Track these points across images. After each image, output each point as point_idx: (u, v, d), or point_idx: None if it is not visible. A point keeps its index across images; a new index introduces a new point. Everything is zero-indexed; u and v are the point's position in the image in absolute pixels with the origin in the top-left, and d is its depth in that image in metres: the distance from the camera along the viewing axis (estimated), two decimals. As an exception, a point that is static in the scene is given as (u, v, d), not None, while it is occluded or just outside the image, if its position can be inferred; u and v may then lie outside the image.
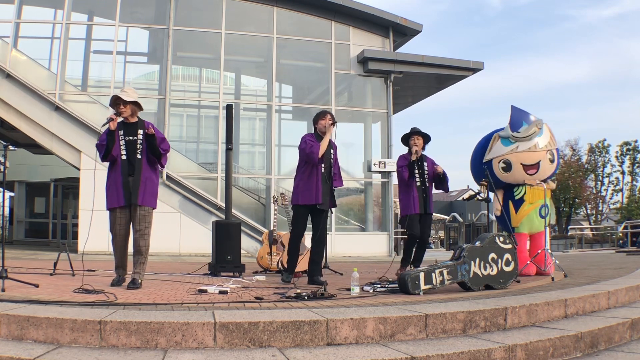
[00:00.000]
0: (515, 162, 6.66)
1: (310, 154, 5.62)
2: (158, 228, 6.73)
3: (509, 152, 6.67)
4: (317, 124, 5.90)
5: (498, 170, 6.75)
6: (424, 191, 6.52)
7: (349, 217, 16.25)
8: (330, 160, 5.82)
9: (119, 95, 4.96)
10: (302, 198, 5.71)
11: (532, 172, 6.66)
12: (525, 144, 6.64)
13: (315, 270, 5.77)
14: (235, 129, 14.23)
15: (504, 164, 6.69)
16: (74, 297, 3.97)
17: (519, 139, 6.64)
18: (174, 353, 2.98)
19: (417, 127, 6.68)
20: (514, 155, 6.65)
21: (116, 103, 4.97)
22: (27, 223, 20.73)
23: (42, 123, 12.80)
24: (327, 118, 5.84)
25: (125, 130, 4.98)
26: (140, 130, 5.00)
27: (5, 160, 5.20)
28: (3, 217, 18.74)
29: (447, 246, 27.55)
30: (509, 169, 6.68)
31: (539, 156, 6.65)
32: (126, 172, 4.90)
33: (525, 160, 6.65)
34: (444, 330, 3.57)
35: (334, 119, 5.89)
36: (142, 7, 14.83)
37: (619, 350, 3.80)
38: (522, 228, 6.74)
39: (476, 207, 36.85)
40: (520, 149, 6.64)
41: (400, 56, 15.58)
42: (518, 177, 6.71)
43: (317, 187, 5.63)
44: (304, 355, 2.99)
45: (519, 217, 6.73)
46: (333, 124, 5.79)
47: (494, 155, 6.78)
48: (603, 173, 39.36)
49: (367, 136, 16.34)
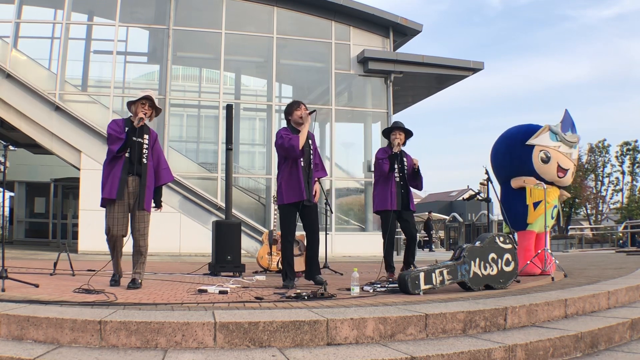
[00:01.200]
0: (554, 158, 6.75)
1: (289, 148, 5.28)
2: (158, 228, 6.74)
3: (553, 147, 6.77)
4: (292, 115, 5.55)
5: (536, 158, 6.78)
6: (402, 187, 6.37)
7: (349, 217, 16.24)
8: (310, 152, 5.55)
9: (152, 96, 5.02)
10: (287, 196, 5.42)
11: (562, 176, 6.83)
12: (566, 148, 6.84)
13: (314, 269, 5.56)
14: (235, 129, 14.22)
15: (544, 155, 6.73)
16: (74, 297, 3.97)
17: (564, 141, 6.81)
18: (174, 353, 2.98)
19: (401, 122, 6.58)
20: (555, 151, 6.76)
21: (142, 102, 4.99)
22: (27, 223, 20.73)
23: (42, 123, 12.80)
24: (302, 108, 5.54)
25: (132, 130, 4.98)
26: (147, 135, 5.05)
27: (5, 160, 5.20)
28: (3, 217, 18.74)
29: (447, 246, 27.56)
30: (548, 161, 6.75)
31: (570, 164, 6.90)
32: (127, 170, 4.91)
33: (562, 161, 6.79)
34: (444, 330, 3.57)
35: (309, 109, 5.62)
36: (142, 7, 14.83)
37: (619, 350, 3.80)
38: (535, 226, 6.76)
39: (476, 207, 36.84)
40: (562, 150, 6.81)
41: (401, 56, 15.57)
42: (550, 173, 6.78)
43: (300, 182, 5.35)
44: (304, 355, 2.99)
45: (536, 214, 6.75)
46: (310, 112, 5.45)
47: (540, 142, 6.80)
48: (603, 173, 39.33)
49: (367, 136, 16.33)
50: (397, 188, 6.33)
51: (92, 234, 11.59)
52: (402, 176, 6.40)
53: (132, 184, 4.93)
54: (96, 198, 5.02)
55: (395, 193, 6.30)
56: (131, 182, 4.93)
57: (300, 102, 5.65)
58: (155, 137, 5.18)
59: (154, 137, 5.17)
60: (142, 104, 5.00)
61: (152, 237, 5.15)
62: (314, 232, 5.55)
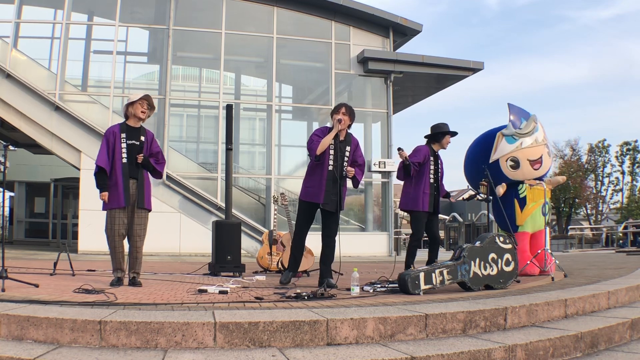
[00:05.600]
0: (522, 158, 6.69)
1: (309, 149, 5.31)
2: (158, 228, 6.76)
3: (515, 150, 6.69)
4: (332, 117, 5.47)
5: (506, 168, 6.74)
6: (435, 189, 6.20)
7: (349, 217, 16.24)
8: (344, 158, 5.37)
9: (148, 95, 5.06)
10: (304, 194, 5.43)
11: (537, 167, 6.75)
12: (528, 139, 6.71)
13: (324, 271, 5.46)
14: (235, 129, 14.23)
15: (512, 162, 6.70)
16: (74, 297, 3.97)
17: (522, 135, 6.69)
18: (174, 353, 2.98)
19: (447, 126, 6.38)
20: (520, 151, 6.68)
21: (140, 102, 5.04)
22: (27, 223, 20.74)
23: (42, 123, 12.81)
24: (340, 112, 5.39)
25: (128, 133, 5.04)
26: (142, 137, 5.09)
27: (5, 160, 5.20)
28: (3, 217, 18.73)
29: (447, 246, 27.57)
30: (517, 166, 6.71)
31: (540, 150, 6.76)
32: (127, 174, 4.95)
33: (530, 155, 6.69)
34: (444, 330, 3.57)
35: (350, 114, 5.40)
36: (142, 7, 14.83)
37: (619, 350, 3.80)
38: (526, 227, 6.74)
39: (476, 207, 36.82)
40: (525, 145, 6.69)
41: (400, 56, 15.58)
42: (526, 173, 6.74)
43: (320, 186, 5.29)
44: (304, 355, 2.99)
45: (524, 216, 6.74)
46: (339, 120, 5.30)
47: (501, 154, 6.76)
48: (603, 173, 39.36)
49: (367, 136, 16.34)
50: (430, 189, 6.16)
51: (92, 234, 11.59)
52: (437, 178, 6.23)
53: (132, 187, 4.99)
54: (96, 198, 5.03)
55: (429, 194, 6.13)
56: (132, 185, 4.99)
57: (341, 106, 5.48)
58: (151, 137, 5.21)
59: (150, 137, 5.19)
60: (141, 104, 5.03)
61: (152, 237, 5.18)
62: (328, 237, 5.46)
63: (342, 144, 5.40)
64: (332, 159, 5.32)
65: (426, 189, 6.12)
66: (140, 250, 5.07)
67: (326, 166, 5.32)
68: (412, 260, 6.28)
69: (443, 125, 6.37)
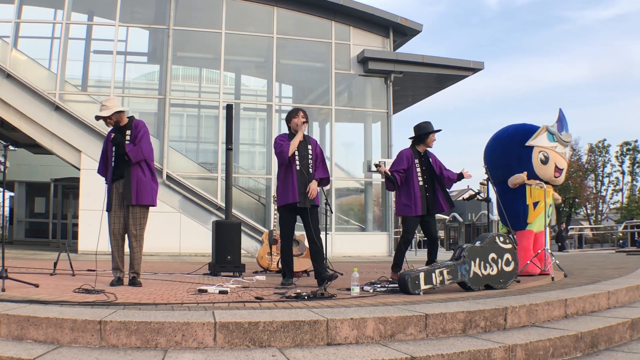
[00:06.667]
0: (552, 158, 6.80)
1: (279, 153, 5.57)
2: (158, 228, 6.75)
3: (551, 148, 6.82)
4: (290, 122, 5.80)
5: (536, 159, 6.80)
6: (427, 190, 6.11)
7: (349, 217, 16.24)
8: (308, 157, 5.70)
9: (99, 115, 5.10)
10: (280, 199, 5.63)
11: (557, 176, 6.90)
12: (561, 147, 6.91)
13: (318, 269, 5.55)
14: (235, 129, 14.21)
15: (543, 157, 6.77)
16: (74, 297, 3.97)
17: (560, 141, 6.86)
18: (174, 353, 2.98)
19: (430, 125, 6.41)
20: (553, 152, 6.82)
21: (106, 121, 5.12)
22: (27, 223, 20.74)
23: (42, 123, 12.80)
24: (299, 115, 5.75)
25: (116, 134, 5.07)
26: (128, 131, 5.09)
27: (5, 160, 5.21)
28: (3, 217, 18.74)
29: (447, 246, 27.54)
30: (547, 162, 6.79)
31: (565, 164, 6.99)
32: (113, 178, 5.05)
33: (558, 162, 6.84)
34: (444, 330, 3.57)
35: (307, 117, 5.81)
36: (142, 7, 14.83)
37: (619, 350, 3.80)
38: (534, 226, 6.78)
39: (476, 207, 36.78)
40: (558, 150, 6.87)
41: (400, 56, 15.57)
42: (547, 174, 6.82)
43: (293, 185, 5.51)
44: (304, 355, 2.99)
45: (536, 214, 6.76)
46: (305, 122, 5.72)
47: (539, 143, 6.83)
48: (603, 173, 39.34)
49: (367, 136, 16.32)
50: (421, 192, 6.06)
51: (92, 234, 11.57)
52: (426, 178, 6.13)
53: (118, 188, 5.04)
54: (96, 198, 5.06)
55: (420, 197, 6.03)
56: (116, 187, 5.04)
57: (299, 110, 5.87)
58: (139, 129, 5.07)
59: (138, 129, 5.07)
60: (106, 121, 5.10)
61: (152, 237, 5.19)
62: (311, 241, 5.57)
63: (303, 144, 5.72)
64: (297, 159, 5.63)
65: (416, 193, 6.04)
66: (137, 251, 5.06)
67: (294, 167, 5.61)
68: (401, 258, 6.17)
69: (425, 124, 6.32)
